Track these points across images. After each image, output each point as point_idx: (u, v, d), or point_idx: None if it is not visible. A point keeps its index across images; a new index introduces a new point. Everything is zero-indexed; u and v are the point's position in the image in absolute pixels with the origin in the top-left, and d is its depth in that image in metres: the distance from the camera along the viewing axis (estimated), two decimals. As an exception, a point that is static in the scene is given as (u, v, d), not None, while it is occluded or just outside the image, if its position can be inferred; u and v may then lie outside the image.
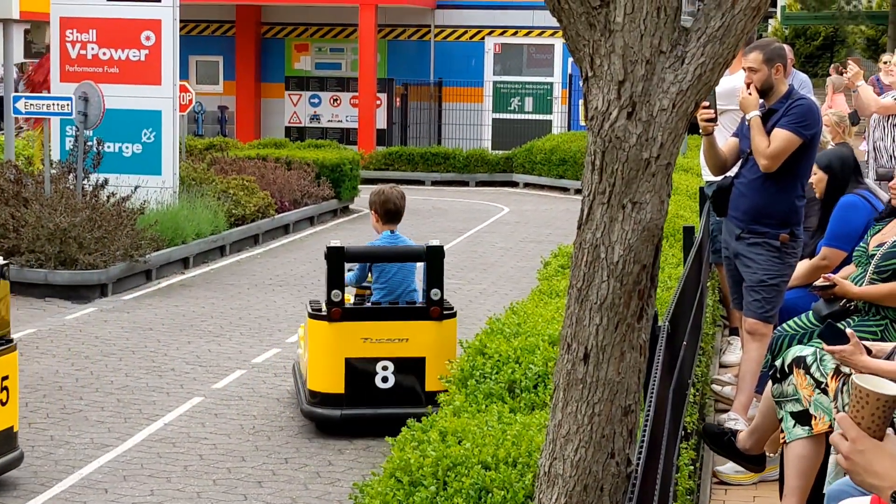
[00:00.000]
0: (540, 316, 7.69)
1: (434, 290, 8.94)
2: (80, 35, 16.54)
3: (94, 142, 15.55)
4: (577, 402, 3.84)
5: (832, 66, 29.80)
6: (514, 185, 25.81)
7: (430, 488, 5.06)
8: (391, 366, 8.90)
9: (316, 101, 29.53)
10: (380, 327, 8.92)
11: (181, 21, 17.05)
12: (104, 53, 16.54)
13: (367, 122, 27.26)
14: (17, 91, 17.44)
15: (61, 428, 8.90)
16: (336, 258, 8.86)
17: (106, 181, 14.95)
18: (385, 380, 8.90)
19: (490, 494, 4.97)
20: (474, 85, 28.81)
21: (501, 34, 28.88)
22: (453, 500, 4.98)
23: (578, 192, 24.91)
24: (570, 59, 27.63)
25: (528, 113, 28.80)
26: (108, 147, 16.12)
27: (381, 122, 28.10)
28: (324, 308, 9.09)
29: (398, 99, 28.44)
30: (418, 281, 9.36)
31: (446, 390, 9.34)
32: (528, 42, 28.90)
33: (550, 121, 28.56)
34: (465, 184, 25.99)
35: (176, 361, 10.91)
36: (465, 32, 28.98)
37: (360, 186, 22.03)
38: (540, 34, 28.61)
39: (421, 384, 8.96)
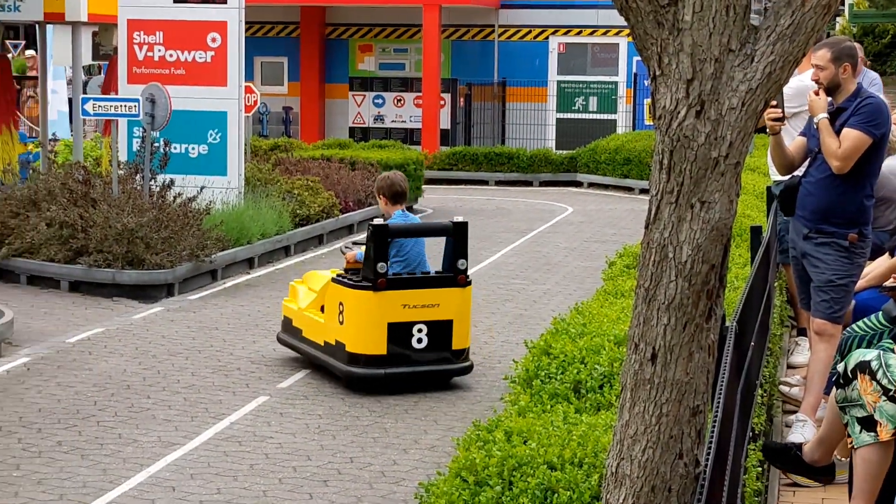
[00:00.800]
0: (605, 316, 7.66)
1: (461, 261, 10.06)
2: (147, 37, 16.67)
3: (161, 143, 15.66)
4: (644, 402, 3.82)
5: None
6: (578, 184, 25.74)
7: (496, 488, 5.06)
8: (425, 328, 9.98)
9: (380, 101, 29.59)
10: (416, 294, 9.99)
11: (246, 22, 17.14)
12: (171, 55, 16.66)
13: (430, 123, 27.29)
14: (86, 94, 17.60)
15: (129, 426, 8.97)
16: (381, 234, 9.82)
17: (172, 182, 15.07)
18: (420, 341, 9.98)
19: (556, 495, 4.96)
20: (538, 85, 28.76)
21: (566, 34, 28.81)
22: (519, 500, 4.97)
23: (643, 191, 24.90)
24: (635, 58, 27.53)
25: (593, 112, 28.71)
26: (175, 148, 16.24)
27: (445, 123, 28.11)
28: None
29: (462, 99, 28.43)
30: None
31: (467, 348, 10.20)
32: (592, 41, 28.80)
33: (615, 120, 28.46)
34: (528, 184, 25.95)
35: (241, 361, 10.97)
36: (530, 32, 28.94)
37: (423, 186, 22.06)
38: (605, 33, 28.51)
39: (449, 343, 10.06)
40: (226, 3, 16.48)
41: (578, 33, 28.73)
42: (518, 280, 15.15)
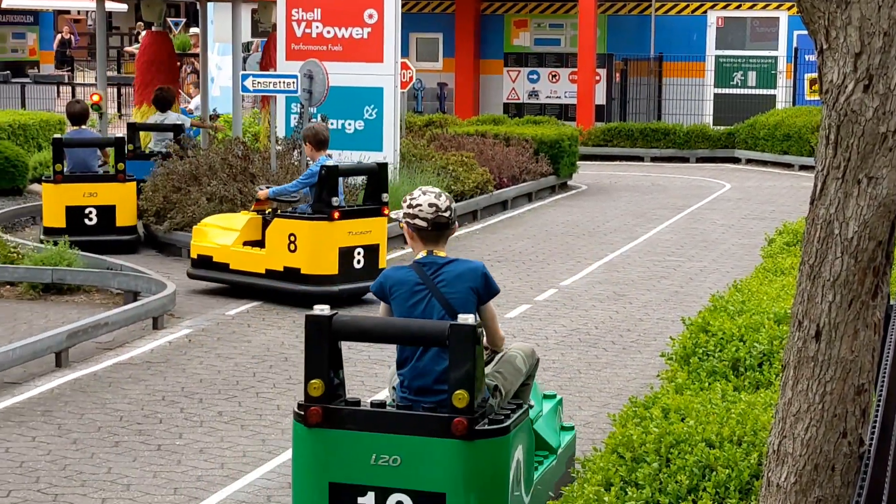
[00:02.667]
0: (765, 294, 7.57)
1: (384, 195, 12.24)
2: (306, 14, 16.86)
3: (319, 118, 15.84)
4: (808, 380, 3.77)
5: None
6: (735, 161, 25.42)
7: (653, 465, 5.04)
8: (362, 251, 12.17)
9: (534, 77, 29.54)
10: (357, 223, 12.12)
11: (403, -1, 17.25)
12: (328, 32, 16.83)
13: (585, 98, 27.15)
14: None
15: (287, 398, 9.11)
16: (333, 173, 11.84)
17: (329, 157, 15.22)
18: (359, 262, 12.14)
19: (714, 472, 4.92)
20: (696, 59, 28.41)
21: (724, 7, 28.40)
22: (676, 477, 4.94)
23: (803, 168, 24.37)
24: (796, 32, 27.01)
25: (752, 88, 28.28)
26: (332, 124, 16.41)
27: (601, 98, 27.96)
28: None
29: (618, 74, 28.24)
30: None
31: (385, 267, 11.65)
32: (751, 15, 28.34)
33: (774, 95, 27.99)
34: (685, 160, 25.69)
35: (397, 335, 11.05)
36: (687, 6, 28.59)
37: (578, 163, 21.97)
38: (764, 7, 28.04)
39: (377, 263, 12.22)
40: (383, -21, 16.58)
41: (737, 7, 28.29)
42: (674, 257, 15.03)
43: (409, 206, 5.87)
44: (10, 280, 12.53)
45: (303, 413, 5.52)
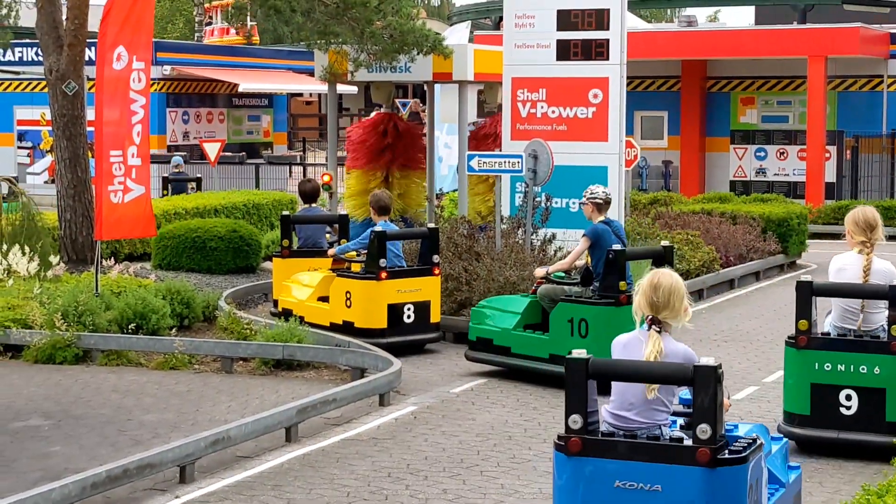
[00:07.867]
0: None
1: (434, 256, 13.63)
2: (531, 94, 17.00)
3: (543, 198, 15.92)
4: None
5: None
6: (973, 239, 24.60)
7: (888, 556, 4.87)
8: (412, 307, 13.51)
9: (762, 154, 29.18)
10: (406, 282, 13.54)
11: (627, 78, 17.23)
12: (553, 111, 16.93)
13: (815, 176, 26.68)
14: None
15: (511, 477, 9.11)
16: (381, 238, 13.24)
17: (553, 236, 15.28)
18: (409, 317, 13.49)
19: (953, 566, 4.73)
20: (930, 136, 27.70)
21: (960, 82, 27.67)
22: (913, 570, 4.77)
23: None
24: None
25: None
26: (556, 203, 16.46)
27: (830, 176, 27.43)
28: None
29: (848, 151, 27.68)
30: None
31: (439, 322, 13.67)
32: None
33: None
34: (919, 238, 24.98)
35: (621, 415, 10.95)
36: (921, 81, 27.94)
37: (808, 241, 21.54)
38: None
39: (428, 318, 13.64)
40: (608, 59, 16.63)
41: (974, 81, 27.53)
42: (908, 339, 14.54)
43: (591, 193, 11.62)
44: (243, 356, 12.88)
45: None
